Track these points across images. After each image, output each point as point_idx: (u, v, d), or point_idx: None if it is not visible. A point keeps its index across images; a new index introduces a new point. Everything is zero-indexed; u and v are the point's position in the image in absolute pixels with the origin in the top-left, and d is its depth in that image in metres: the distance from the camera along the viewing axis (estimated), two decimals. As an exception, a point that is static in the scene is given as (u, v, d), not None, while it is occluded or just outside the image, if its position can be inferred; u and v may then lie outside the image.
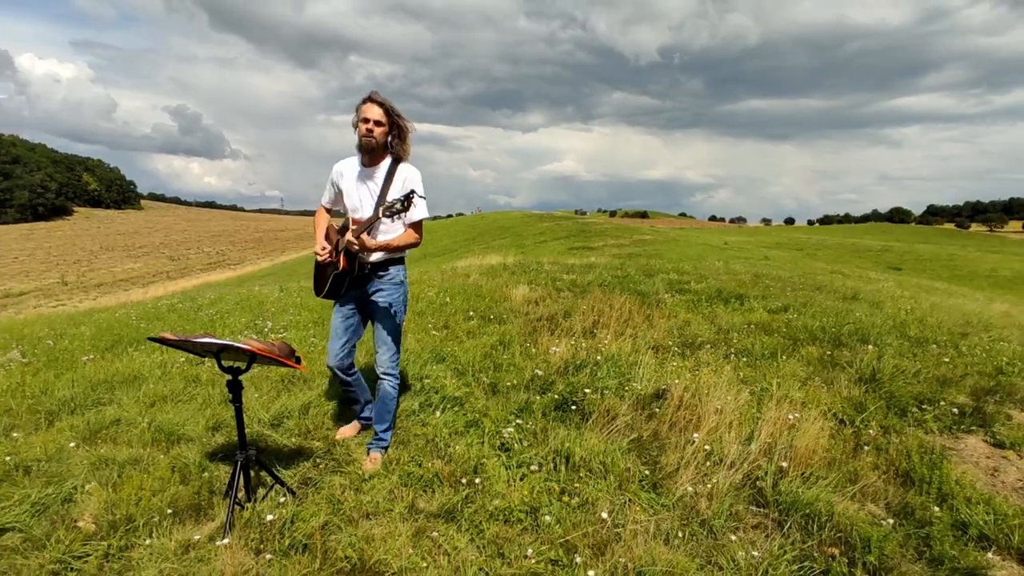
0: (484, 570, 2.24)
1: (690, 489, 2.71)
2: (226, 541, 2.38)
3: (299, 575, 2.20)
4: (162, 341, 2.46)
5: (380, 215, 2.88)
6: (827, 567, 2.22)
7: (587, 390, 3.79)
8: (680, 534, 2.41)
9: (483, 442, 3.17)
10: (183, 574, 2.24)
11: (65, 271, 67.29)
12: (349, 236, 2.94)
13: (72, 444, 3.49)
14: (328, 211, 3.22)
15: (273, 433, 3.57)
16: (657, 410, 3.53)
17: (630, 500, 2.65)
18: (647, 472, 2.86)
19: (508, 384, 4.04)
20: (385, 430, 3.27)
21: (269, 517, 2.53)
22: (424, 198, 2.97)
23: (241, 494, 2.68)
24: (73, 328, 7.15)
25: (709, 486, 2.71)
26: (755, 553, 2.28)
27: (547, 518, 2.51)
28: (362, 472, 2.99)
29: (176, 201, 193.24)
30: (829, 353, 4.81)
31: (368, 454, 3.21)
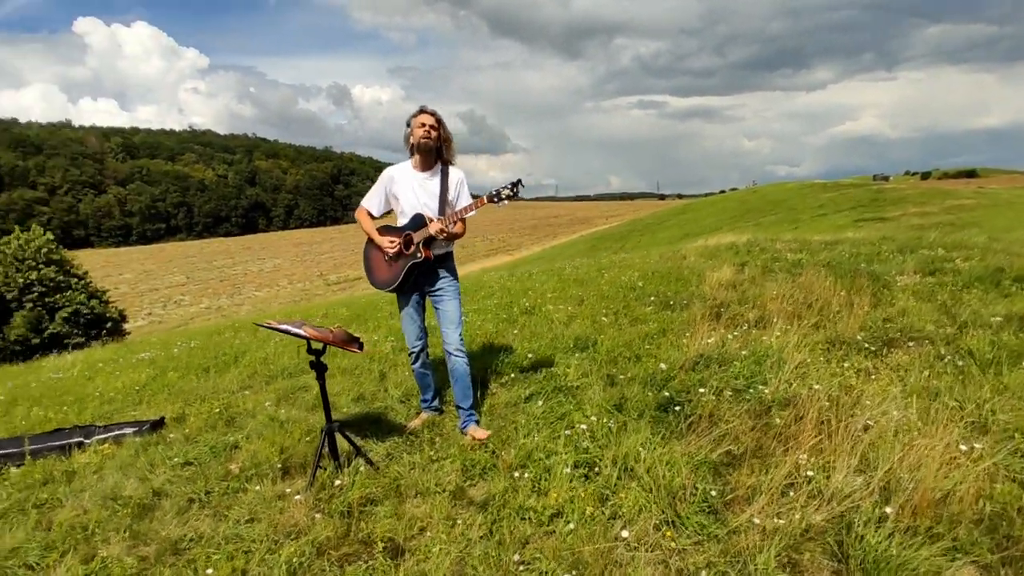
0: (480, 566, 2.19)
1: (756, 522, 2.22)
2: (299, 498, 2.78)
3: (327, 535, 2.45)
4: (262, 325, 2.96)
5: (484, 201, 3.18)
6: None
7: (702, 389, 3.33)
8: (702, 575, 2.00)
9: (558, 436, 3.05)
10: (257, 517, 2.68)
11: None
12: (439, 225, 3.15)
13: (268, 403, 4.40)
14: (372, 217, 3.52)
15: (398, 406, 3.97)
16: (778, 420, 2.93)
17: (672, 521, 2.29)
18: (714, 492, 2.42)
19: (625, 377, 3.77)
20: (472, 405, 3.46)
21: (337, 483, 2.86)
22: (512, 197, 3.14)
23: (329, 461, 3.07)
24: (335, 309, 8.86)
25: (781, 521, 2.18)
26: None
27: (570, 525, 2.33)
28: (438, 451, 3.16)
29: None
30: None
31: (466, 430, 3.37)
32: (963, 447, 2.47)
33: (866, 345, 3.96)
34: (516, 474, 2.76)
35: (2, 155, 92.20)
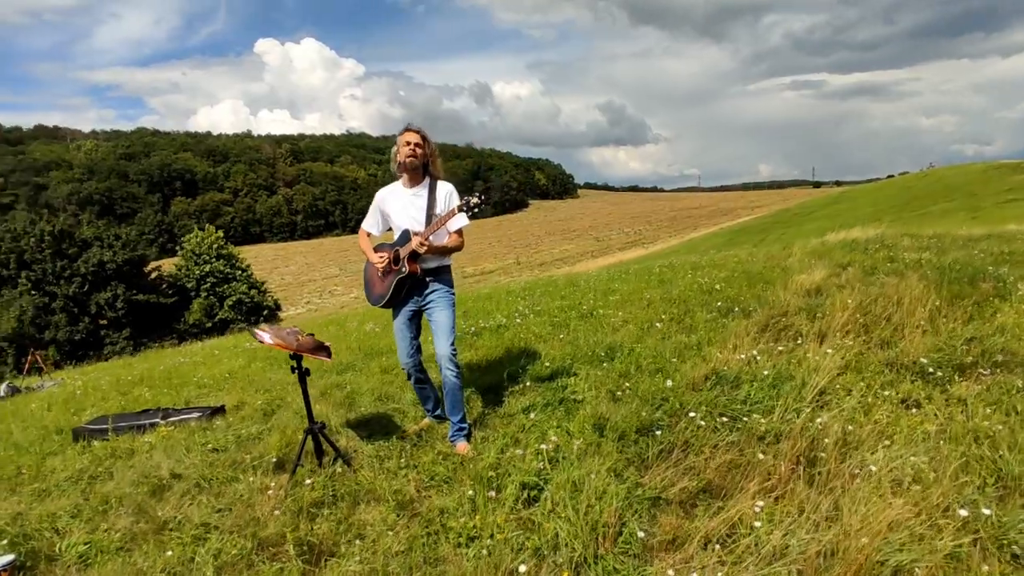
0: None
1: (671, 574, 1.98)
2: (270, 493, 2.97)
3: (271, 532, 2.59)
4: (252, 331, 3.20)
5: (455, 210, 3.18)
6: None
7: (692, 413, 3.02)
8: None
9: (525, 454, 2.94)
10: (231, 507, 2.91)
11: (519, 253, 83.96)
12: (419, 240, 3.20)
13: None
14: (369, 235, 3.59)
15: (410, 409, 4.08)
16: (760, 456, 2.58)
17: (585, 560, 2.12)
18: (641, 534, 2.20)
19: (630, 393, 3.53)
20: (461, 419, 3.43)
21: (308, 481, 3.01)
22: (480, 206, 3.18)
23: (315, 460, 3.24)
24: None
25: None
26: None
27: (483, 551, 2.25)
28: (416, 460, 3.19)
29: (606, 188, 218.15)
30: None
31: (454, 444, 3.38)
32: (963, 512, 2.01)
33: (930, 369, 3.36)
34: (468, 490, 2.72)
35: (198, 163, 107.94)
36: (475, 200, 3.09)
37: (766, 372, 3.42)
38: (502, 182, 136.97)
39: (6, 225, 23.76)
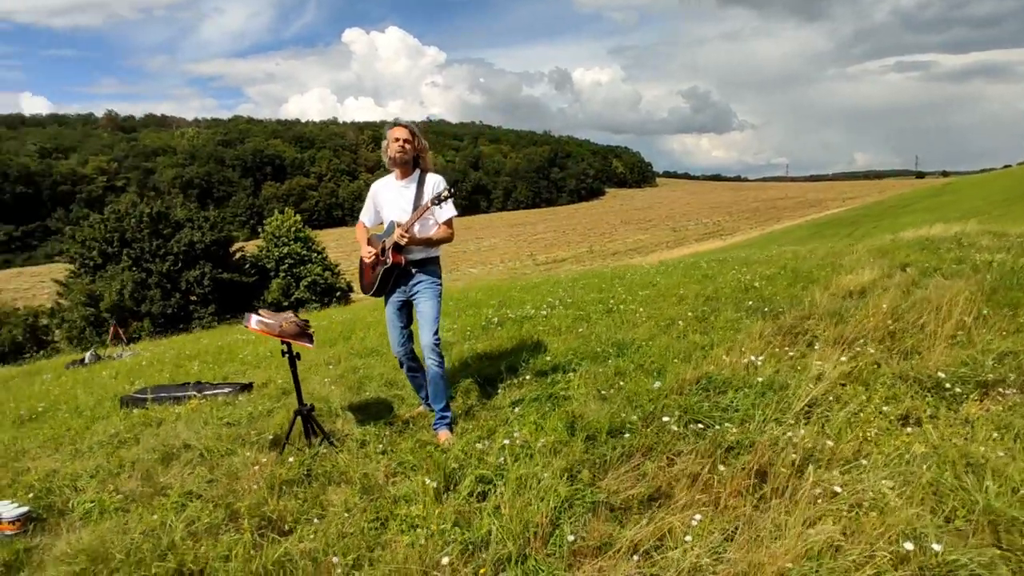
0: (329, 558, 2.28)
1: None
2: (256, 468, 3.15)
3: (244, 504, 2.75)
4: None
5: (430, 204, 3.30)
6: None
7: (666, 418, 2.92)
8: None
9: (489, 446, 2.97)
10: (222, 477, 3.11)
11: (593, 242, 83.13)
12: (400, 231, 3.29)
13: (326, 380, 4.93)
14: (366, 228, 3.67)
15: (412, 396, 4.18)
16: (722, 468, 2.47)
17: (511, 558, 2.12)
18: (571, 537, 2.17)
19: (616, 392, 3.47)
20: (444, 408, 3.50)
21: (290, 459, 3.17)
22: (451, 198, 3.40)
23: (304, 440, 3.40)
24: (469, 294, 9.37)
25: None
26: None
27: (419, 541, 2.29)
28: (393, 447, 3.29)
29: (686, 176, 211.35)
30: None
31: (437, 432, 3.45)
32: (908, 545, 1.85)
33: (947, 385, 3.08)
34: (425, 479, 2.78)
35: (286, 149, 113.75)
36: (445, 193, 3.29)
37: (759, 379, 3.26)
38: (580, 170, 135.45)
39: (112, 207, 26.10)
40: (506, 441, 2.91)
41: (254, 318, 3.22)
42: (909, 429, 2.70)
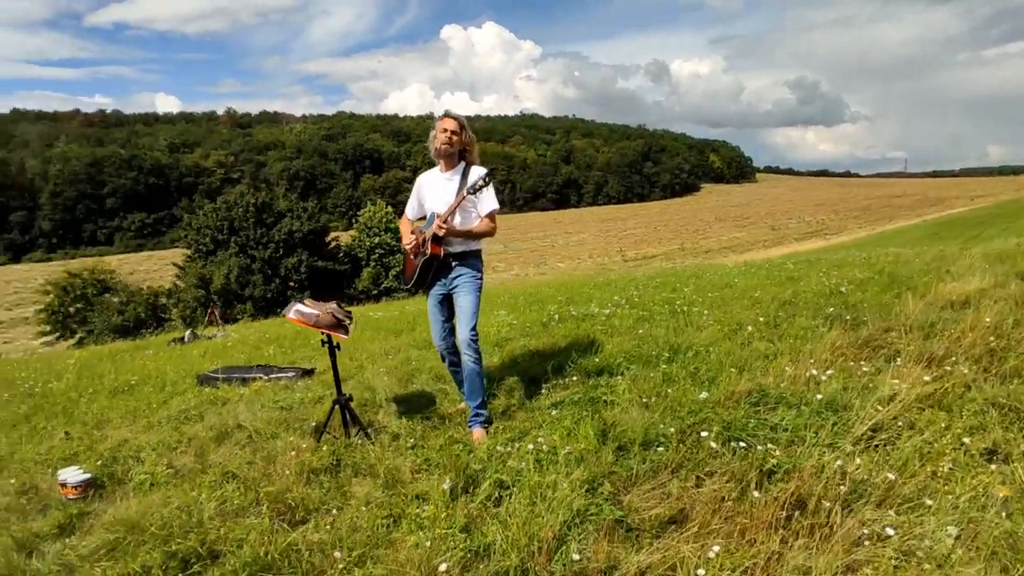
0: (340, 551, 2.28)
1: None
2: (292, 453, 3.23)
3: (274, 489, 2.81)
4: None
5: (466, 194, 3.31)
6: None
7: (704, 433, 2.68)
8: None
9: (516, 450, 2.86)
10: (260, 460, 3.21)
11: (685, 239, 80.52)
12: (438, 222, 3.28)
13: (382, 370, 5.02)
14: (411, 220, 3.67)
15: (457, 390, 4.15)
16: (756, 494, 2.23)
17: (507, 573, 2.01)
18: (576, 556, 2.03)
19: (659, 401, 3.24)
20: (479, 405, 3.44)
21: (324, 448, 3.22)
22: (487, 187, 3.40)
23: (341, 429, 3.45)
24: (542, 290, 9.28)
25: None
26: None
27: (427, 543, 2.24)
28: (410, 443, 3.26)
29: (789, 172, 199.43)
30: None
31: (471, 430, 3.41)
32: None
33: (1014, 415, 2.64)
34: (445, 479, 2.71)
35: (385, 143, 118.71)
36: (480, 182, 3.31)
37: (819, 396, 2.93)
38: (674, 165, 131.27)
39: (223, 197, 28.29)
40: (530, 446, 2.79)
41: (294, 308, 3.30)
42: (993, 467, 2.32)
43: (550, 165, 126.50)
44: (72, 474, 3.17)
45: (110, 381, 6.19)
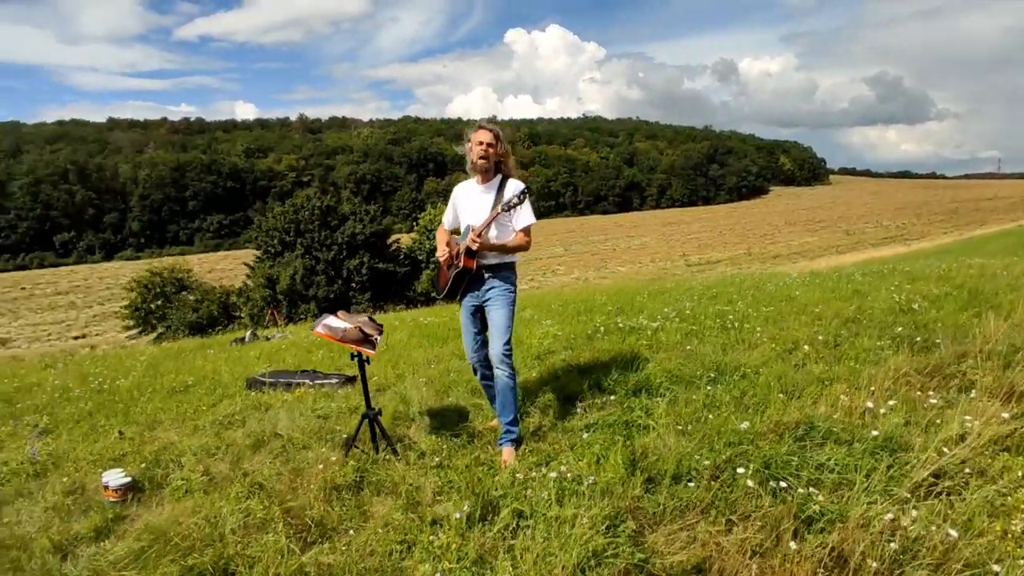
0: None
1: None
2: (320, 467, 3.22)
3: (296, 504, 2.81)
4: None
5: (500, 211, 3.28)
6: None
7: (740, 470, 2.47)
8: None
9: (541, 476, 2.73)
10: (289, 472, 3.22)
11: (752, 243, 77.77)
12: (472, 236, 3.23)
13: (421, 380, 5.01)
14: (447, 231, 3.60)
15: (475, 410, 4.06)
16: (793, 545, 2.02)
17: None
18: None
19: (696, 429, 3.04)
20: (511, 422, 3.36)
21: (351, 463, 3.20)
22: (521, 205, 3.35)
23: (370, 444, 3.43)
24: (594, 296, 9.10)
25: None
26: None
27: (437, 574, 2.16)
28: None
29: (867, 174, 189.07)
30: None
31: (501, 448, 3.33)
32: None
33: None
34: (462, 506, 2.62)
35: (446, 146, 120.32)
36: (514, 200, 3.28)
37: (875, 432, 2.65)
38: (740, 167, 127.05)
39: (291, 201, 29.41)
40: (553, 475, 2.66)
41: (322, 322, 3.30)
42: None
43: (612, 168, 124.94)
44: (114, 477, 3.28)
45: (169, 381, 6.45)
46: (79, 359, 9.83)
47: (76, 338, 39.59)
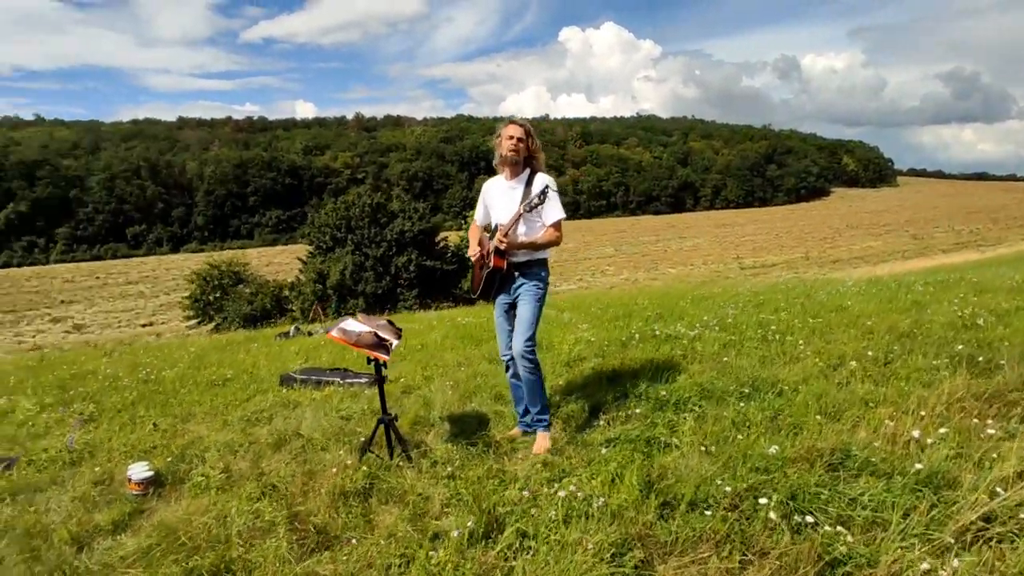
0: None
1: None
2: (334, 470, 3.20)
3: (304, 508, 2.78)
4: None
5: (522, 211, 3.26)
6: None
7: (763, 500, 2.27)
8: None
9: (549, 494, 2.62)
10: (303, 474, 3.21)
11: (810, 247, 74.89)
12: (499, 235, 3.19)
13: (448, 384, 4.96)
14: (479, 228, 3.59)
15: (496, 417, 3.97)
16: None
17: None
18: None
19: (720, 450, 2.85)
20: (540, 411, 3.45)
21: (363, 468, 3.16)
22: (546, 202, 3.27)
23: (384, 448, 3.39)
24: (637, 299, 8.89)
25: None
26: None
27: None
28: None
29: (938, 175, 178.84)
30: None
31: (536, 435, 3.43)
32: None
33: None
34: (471, 521, 2.53)
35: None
36: (536, 200, 3.23)
37: (918, 465, 2.41)
38: (800, 168, 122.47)
39: (343, 197, 30.11)
40: (562, 494, 2.54)
41: (338, 326, 3.27)
42: None
43: (666, 168, 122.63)
44: (137, 470, 3.35)
45: (210, 374, 6.63)
46: (134, 348, 10.27)
47: (143, 326, 41.78)
